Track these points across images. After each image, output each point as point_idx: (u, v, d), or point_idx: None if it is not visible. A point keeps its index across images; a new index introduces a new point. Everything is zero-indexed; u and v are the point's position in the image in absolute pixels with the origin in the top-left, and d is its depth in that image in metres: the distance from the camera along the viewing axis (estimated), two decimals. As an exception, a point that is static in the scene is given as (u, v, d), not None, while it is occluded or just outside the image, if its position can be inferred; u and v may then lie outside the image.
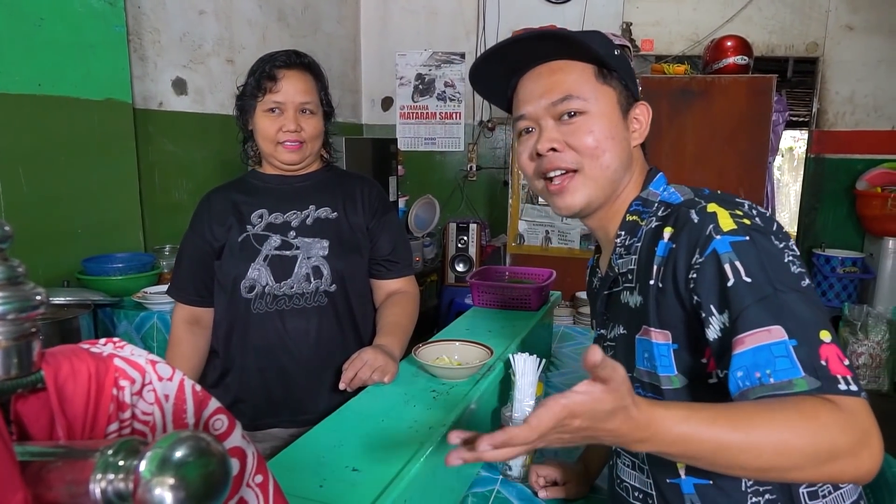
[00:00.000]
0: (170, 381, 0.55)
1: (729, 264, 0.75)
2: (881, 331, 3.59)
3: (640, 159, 0.98)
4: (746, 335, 0.71)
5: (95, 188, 2.38)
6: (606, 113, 0.91)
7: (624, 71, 0.93)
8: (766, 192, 3.25)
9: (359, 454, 0.96)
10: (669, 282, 0.81)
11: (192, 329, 1.46)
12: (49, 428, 0.48)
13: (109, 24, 2.38)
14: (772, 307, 0.71)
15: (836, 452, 0.65)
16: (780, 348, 0.69)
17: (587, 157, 0.90)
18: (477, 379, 1.28)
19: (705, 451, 0.65)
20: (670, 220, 0.84)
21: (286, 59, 1.38)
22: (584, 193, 0.92)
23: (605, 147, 0.90)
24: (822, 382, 0.67)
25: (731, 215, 0.79)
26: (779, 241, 0.78)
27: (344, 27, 4.37)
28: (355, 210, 1.47)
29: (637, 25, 4.07)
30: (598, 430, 0.63)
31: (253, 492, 0.58)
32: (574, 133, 0.90)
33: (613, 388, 0.61)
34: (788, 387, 0.67)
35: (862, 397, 0.67)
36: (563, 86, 0.90)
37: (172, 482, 0.38)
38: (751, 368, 0.70)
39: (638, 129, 0.95)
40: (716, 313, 0.76)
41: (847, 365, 0.69)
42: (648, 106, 0.96)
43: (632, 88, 0.94)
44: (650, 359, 0.86)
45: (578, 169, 0.91)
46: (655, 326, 0.84)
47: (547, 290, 1.86)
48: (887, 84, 3.85)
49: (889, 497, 1.01)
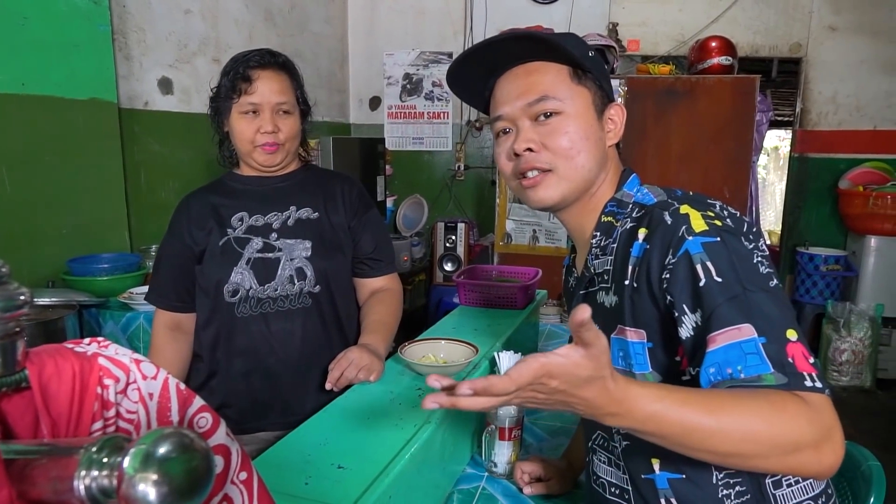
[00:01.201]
0: (154, 379, 0.56)
1: (701, 264, 0.77)
2: (863, 327, 3.65)
3: (615, 159, 0.99)
4: (718, 333, 0.73)
5: (81, 188, 2.37)
6: (581, 113, 0.92)
7: (598, 72, 0.95)
8: (749, 190, 3.28)
9: (344, 451, 0.97)
10: (643, 282, 0.83)
11: (174, 335, 1.45)
12: (33, 426, 0.49)
13: (94, 23, 2.36)
14: (742, 306, 0.73)
15: (800, 444, 0.67)
16: (750, 345, 0.71)
17: (561, 157, 0.92)
18: (462, 377, 1.29)
19: (675, 431, 0.67)
20: (644, 222, 0.86)
21: (260, 60, 1.35)
22: (558, 190, 0.93)
23: (580, 147, 0.92)
24: (790, 379, 0.69)
25: (702, 216, 0.81)
26: (748, 242, 0.80)
27: (331, 26, 4.37)
28: (336, 209, 1.46)
29: (623, 26, 4.10)
30: (572, 397, 0.65)
31: (237, 489, 0.59)
32: (550, 134, 0.92)
33: (593, 356, 0.63)
34: (758, 381, 0.70)
35: (826, 394, 0.70)
36: (539, 86, 0.92)
37: (156, 478, 0.38)
38: (722, 365, 0.72)
39: (613, 130, 0.97)
40: (688, 312, 0.78)
41: (812, 363, 0.71)
42: (623, 107, 0.98)
43: (606, 89, 0.96)
44: (625, 357, 0.88)
45: (552, 169, 0.92)
46: (630, 325, 0.86)
47: (533, 288, 1.88)
48: (869, 84, 3.90)
49: (866, 489, 1.03)
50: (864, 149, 3.94)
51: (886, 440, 3.08)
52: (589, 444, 1.02)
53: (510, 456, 1.21)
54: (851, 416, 3.40)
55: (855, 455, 1.09)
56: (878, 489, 1.01)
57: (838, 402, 0.72)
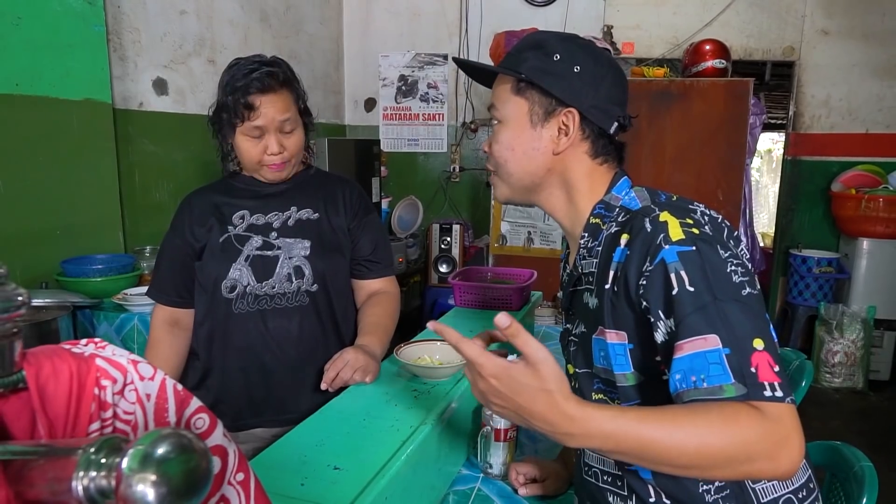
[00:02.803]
0: (151, 380, 0.56)
1: (675, 273, 0.79)
2: (856, 329, 3.67)
3: (584, 164, 0.98)
4: (685, 342, 0.76)
5: (74, 189, 2.36)
6: (514, 123, 0.98)
7: (554, 80, 0.93)
8: (743, 193, 3.30)
9: (340, 453, 0.97)
10: (622, 286, 0.86)
11: (172, 331, 1.45)
12: (30, 427, 0.49)
13: (88, 23, 2.36)
14: (709, 317, 0.76)
15: (752, 455, 0.71)
16: (713, 356, 0.74)
17: (495, 164, 1.02)
18: (458, 378, 1.29)
19: (633, 448, 0.72)
20: (627, 227, 0.88)
21: (261, 85, 1.31)
22: (501, 191, 1.04)
23: (507, 157, 0.99)
24: (749, 389, 0.72)
25: (681, 224, 0.83)
26: (724, 251, 0.82)
27: (327, 28, 4.37)
28: (336, 211, 1.47)
29: (618, 28, 4.11)
30: (520, 408, 0.73)
31: (234, 489, 0.59)
32: (493, 139, 1.01)
33: (530, 364, 0.72)
34: (719, 392, 0.73)
35: (787, 402, 0.72)
36: (493, 95, 1.01)
37: (154, 478, 0.38)
38: (687, 372, 0.75)
39: (566, 136, 0.95)
40: (663, 318, 0.80)
41: (777, 371, 0.73)
42: (574, 112, 0.94)
43: (562, 96, 0.94)
44: (605, 357, 0.90)
45: (494, 172, 1.03)
46: (610, 328, 0.88)
47: (528, 290, 1.88)
48: (860, 88, 3.93)
49: (858, 490, 1.04)
50: (857, 152, 3.97)
51: (878, 441, 3.10)
52: None
53: (505, 457, 1.21)
54: (844, 418, 3.42)
55: (847, 456, 1.09)
56: (870, 490, 1.02)
57: (831, 403, 0.74)
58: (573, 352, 1.01)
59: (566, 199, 1.00)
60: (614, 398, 0.92)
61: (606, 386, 0.93)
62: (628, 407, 0.75)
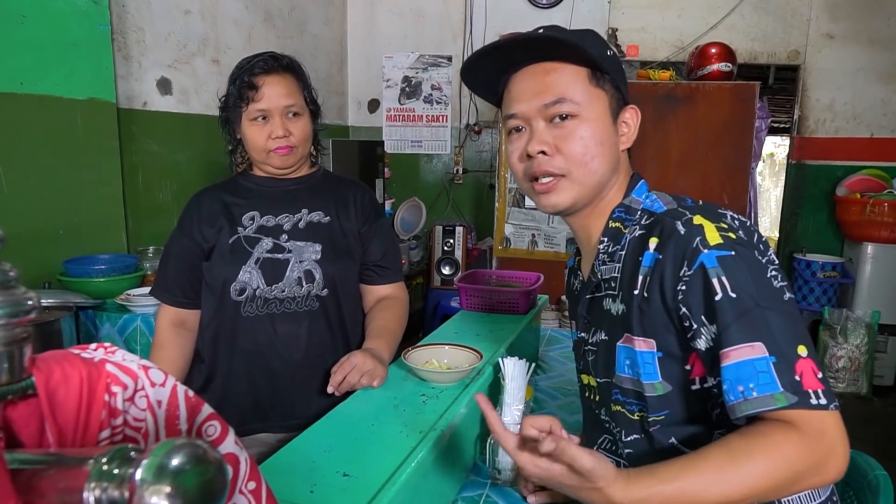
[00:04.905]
0: (162, 386, 0.55)
1: (717, 279, 0.77)
2: (860, 334, 3.65)
3: (626, 163, 0.98)
4: (731, 350, 0.75)
5: (78, 188, 2.34)
6: (597, 117, 0.91)
7: (616, 73, 0.93)
8: (748, 197, 3.28)
9: (349, 458, 0.95)
10: (656, 292, 0.83)
11: (178, 331, 1.43)
12: (39, 434, 0.47)
13: (93, 22, 2.35)
14: (755, 323, 0.74)
15: (800, 476, 0.72)
16: (761, 364, 0.73)
17: (575, 163, 0.90)
18: (466, 383, 1.27)
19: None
20: (655, 231, 0.85)
21: (264, 66, 1.34)
22: (570, 195, 0.92)
23: (595, 153, 0.90)
24: (799, 398, 0.72)
25: (717, 228, 0.81)
26: (761, 256, 0.81)
27: (330, 29, 4.36)
28: (348, 215, 1.46)
29: (622, 31, 4.11)
30: (565, 489, 0.77)
31: (246, 498, 0.57)
32: (565, 138, 0.90)
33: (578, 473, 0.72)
34: (771, 401, 0.72)
35: (831, 409, 0.72)
36: (556, 88, 0.90)
37: (169, 490, 0.37)
38: (734, 382, 0.74)
39: (626, 133, 0.96)
40: (706, 324, 0.78)
41: (820, 378, 0.73)
42: (638, 110, 0.96)
43: (623, 91, 0.94)
44: (632, 366, 0.88)
45: (566, 174, 0.91)
46: (639, 335, 0.86)
47: (535, 293, 1.87)
48: (865, 92, 3.92)
49: (872, 499, 1.02)
50: (861, 156, 3.96)
51: (884, 447, 3.08)
52: (595, 448, 1.01)
53: (514, 464, 1.19)
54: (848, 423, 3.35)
55: (861, 465, 1.08)
56: (885, 499, 1.01)
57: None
58: (592, 361, 0.99)
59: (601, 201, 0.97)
60: (633, 410, 0.90)
61: (625, 396, 0.91)
62: (666, 465, 0.74)
